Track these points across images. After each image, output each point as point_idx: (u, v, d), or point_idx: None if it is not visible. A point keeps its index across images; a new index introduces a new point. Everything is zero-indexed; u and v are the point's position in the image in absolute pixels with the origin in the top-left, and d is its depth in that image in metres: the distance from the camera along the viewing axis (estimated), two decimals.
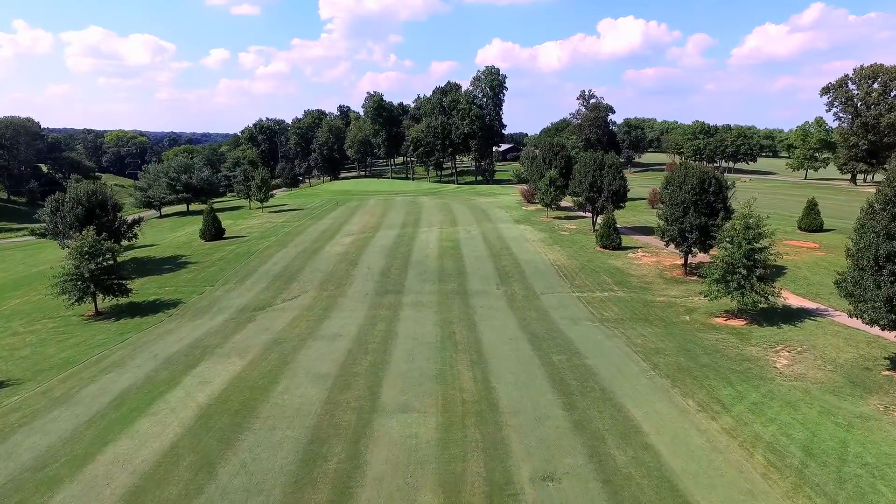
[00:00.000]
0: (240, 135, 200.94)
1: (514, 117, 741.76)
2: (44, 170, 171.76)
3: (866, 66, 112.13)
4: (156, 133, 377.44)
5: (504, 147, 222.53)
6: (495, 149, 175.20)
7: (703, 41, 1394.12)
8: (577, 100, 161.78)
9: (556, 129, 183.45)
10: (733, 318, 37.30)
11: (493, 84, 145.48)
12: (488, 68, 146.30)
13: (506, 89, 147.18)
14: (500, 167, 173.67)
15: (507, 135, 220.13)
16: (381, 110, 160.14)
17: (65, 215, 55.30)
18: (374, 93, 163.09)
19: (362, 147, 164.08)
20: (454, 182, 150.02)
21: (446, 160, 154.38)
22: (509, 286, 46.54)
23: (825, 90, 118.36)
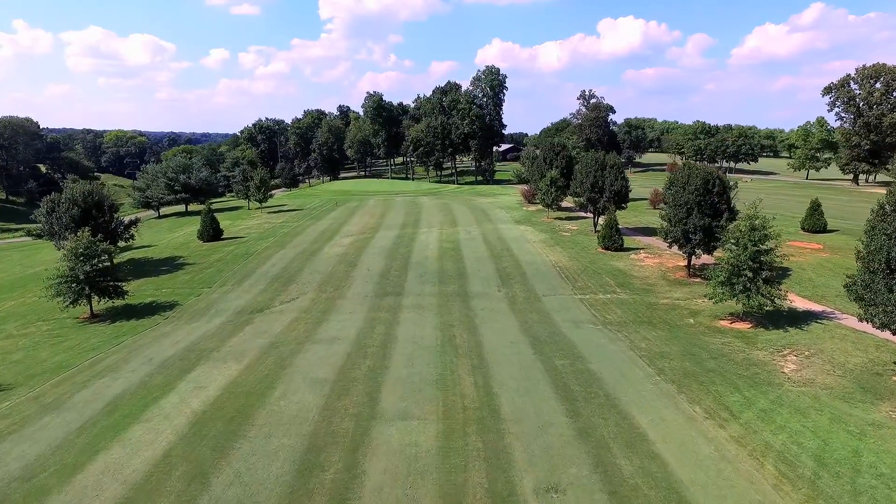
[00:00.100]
0: (239, 135, 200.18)
1: (513, 117, 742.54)
2: (42, 170, 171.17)
3: (868, 66, 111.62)
4: (156, 133, 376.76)
5: (504, 147, 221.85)
6: (495, 149, 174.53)
7: (703, 41, 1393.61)
8: (578, 100, 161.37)
9: (557, 129, 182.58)
10: (738, 320, 36.67)
11: (493, 84, 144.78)
12: (488, 68, 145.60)
13: (506, 89, 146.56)
14: (499, 167, 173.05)
15: (507, 135, 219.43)
16: (380, 110, 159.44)
17: (60, 216, 54.66)
18: (374, 93, 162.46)
19: (362, 147, 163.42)
20: (454, 182, 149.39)
21: (446, 160, 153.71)
22: (510, 288, 45.91)
23: (827, 90, 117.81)
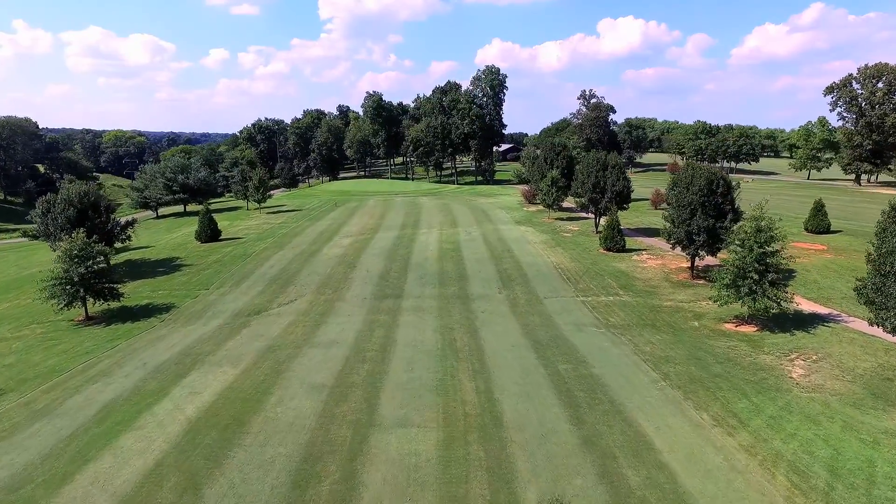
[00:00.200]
0: (238, 135, 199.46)
1: (513, 117, 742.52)
2: (41, 170, 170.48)
3: (871, 66, 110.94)
4: (155, 133, 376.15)
5: (504, 147, 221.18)
6: (495, 149, 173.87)
7: (703, 41, 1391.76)
8: (578, 99, 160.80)
9: (557, 129, 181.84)
10: (744, 323, 36.07)
11: (494, 83, 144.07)
12: (488, 67, 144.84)
13: (506, 89, 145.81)
14: (499, 167, 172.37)
15: (507, 135, 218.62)
16: (380, 110, 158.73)
17: (56, 217, 54.00)
18: (374, 92, 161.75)
19: (361, 147, 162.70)
20: (454, 182, 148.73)
21: (446, 160, 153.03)
22: (511, 290, 45.30)
23: (829, 90, 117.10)
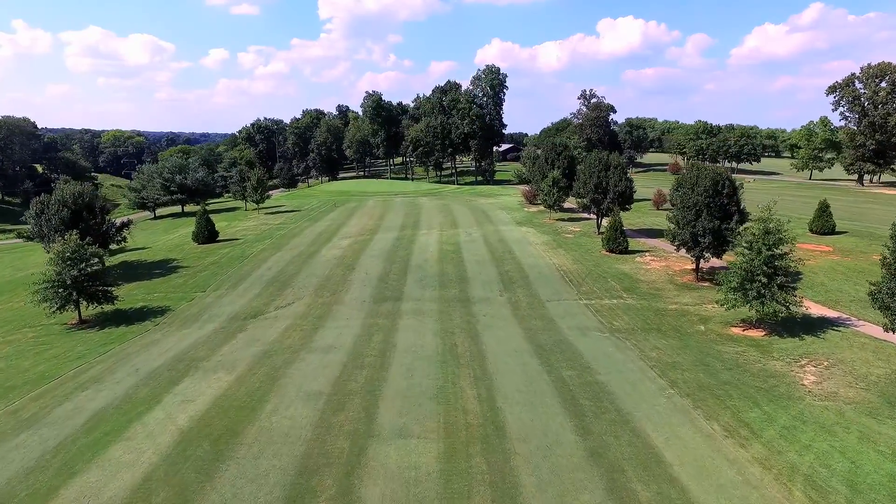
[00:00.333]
0: (237, 135, 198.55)
1: (513, 117, 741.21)
2: (39, 170, 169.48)
3: (874, 65, 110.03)
4: (155, 133, 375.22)
5: (504, 147, 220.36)
6: (495, 149, 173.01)
7: (703, 41, 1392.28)
8: (578, 99, 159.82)
9: (557, 128, 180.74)
10: (751, 328, 35.24)
11: (494, 83, 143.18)
12: (489, 67, 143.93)
13: (506, 88, 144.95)
14: (500, 167, 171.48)
15: (507, 135, 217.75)
16: (379, 110, 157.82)
17: (50, 218, 53.19)
18: (373, 92, 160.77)
19: (361, 147, 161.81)
20: (454, 182, 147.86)
21: (446, 160, 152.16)
22: (513, 293, 44.46)
23: (831, 89, 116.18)
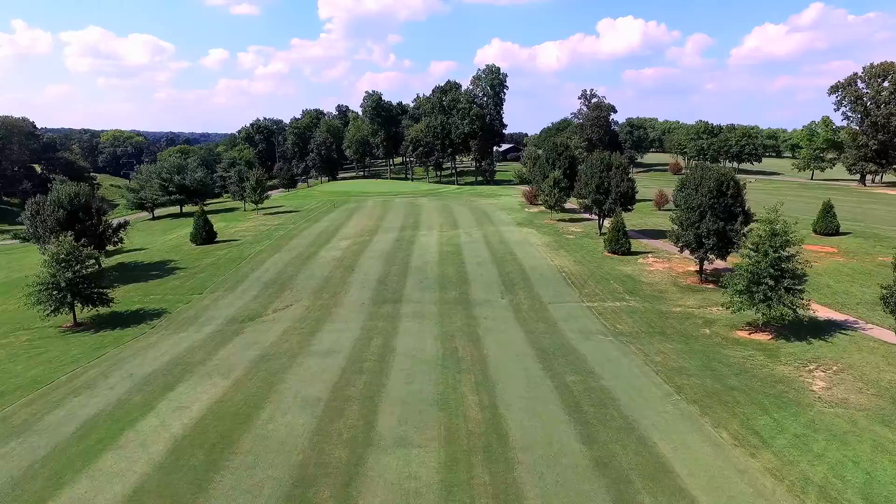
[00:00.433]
0: (237, 135, 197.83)
1: (513, 117, 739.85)
2: (37, 170, 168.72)
3: (876, 65, 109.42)
4: (155, 133, 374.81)
5: (504, 147, 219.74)
6: (495, 149, 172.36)
7: (703, 41, 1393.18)
8: (579, 99, 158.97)
9: (557, 128, 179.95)
10: (757, 331, 34.62)
11: (494, 83, 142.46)
12: (489, 67, 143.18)
13: (506, 88, 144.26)
14: (500, 167, 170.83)
15: (507, 135, 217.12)
16: (379, 110, 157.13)
17: (45, 219, 52.54)
18: (373, 92, 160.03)
19: (361, 147, 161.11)
20: (454, 183, 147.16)
21: (446, 160, 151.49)
22: (514, 295, 43.83)
23: (834, 89, 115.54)
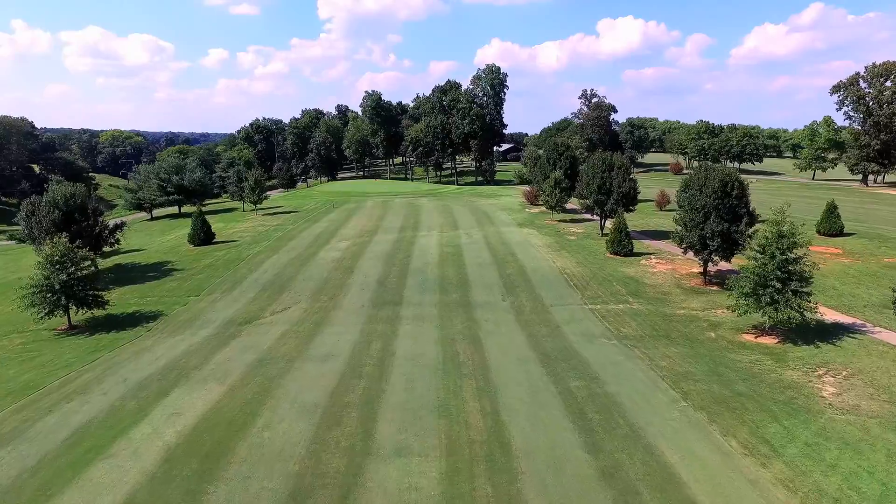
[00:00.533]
0: (236, 135, 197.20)
1: (513, 117, 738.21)
2: (36, 170, 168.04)
3: (879, 64, 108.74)
4: (155, 133, 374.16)
5: (504, 147, 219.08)
6: (495, 149, 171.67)
7: (702, 41, 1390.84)
8: (579, 99, 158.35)
9: (558, 128, 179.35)
10: (763, 334, 33.97)
11: (494, 83, 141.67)
12: (489, 66, 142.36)
13: (506, 88, 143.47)
14: (500, 167, 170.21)
15: (508, 135, 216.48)
16: (379, 110, 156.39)
17: (40, 220, 51.91)
18: (373, 92, 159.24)
19: (360, 147, 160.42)
20: (454, 183, 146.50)
21: (446, 160, 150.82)
22: (516, 297, 43.18)
23: (836, 88, 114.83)
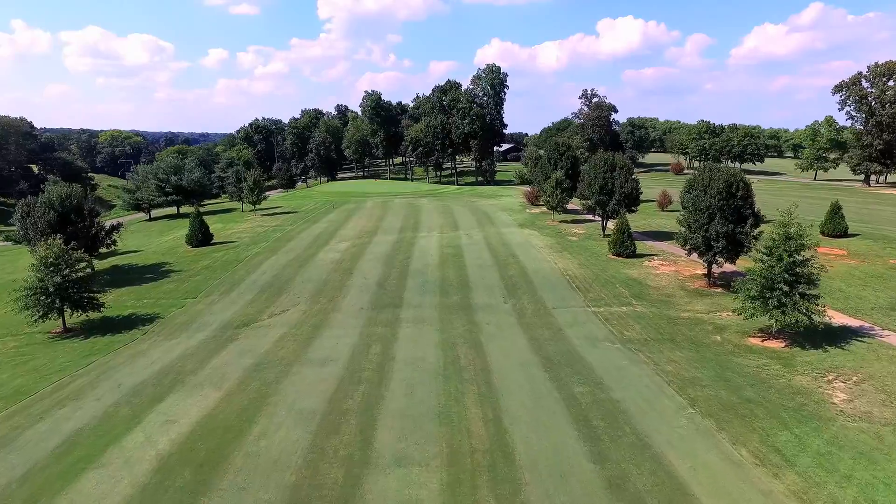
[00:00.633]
0: (235, 135, 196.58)
1: (514, 117, 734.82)
2: (35, 170, 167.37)
3: (881, 64, 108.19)
4: (154, 133, 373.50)
5: (504, 147, 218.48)
6: (495, 149, 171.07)
7: (702, 41, 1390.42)
8: (580, 99, 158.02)
9: (558, 128, 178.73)
10: (770, 338, 33.36)
11: (494, 82, 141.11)
12: (489, 66, 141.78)
13: (507, 88, 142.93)
14: (500, 167, 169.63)
15: (508, 135, 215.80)
16: (379, 109, 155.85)
17: (36, 221, 51.28)
18: (372, 91, 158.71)
19: (360, 147, 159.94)
20: (454, 183, 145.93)
21: (446, 160, 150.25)
22: (517, 299, 42.57)
23: (838, 88, 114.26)
